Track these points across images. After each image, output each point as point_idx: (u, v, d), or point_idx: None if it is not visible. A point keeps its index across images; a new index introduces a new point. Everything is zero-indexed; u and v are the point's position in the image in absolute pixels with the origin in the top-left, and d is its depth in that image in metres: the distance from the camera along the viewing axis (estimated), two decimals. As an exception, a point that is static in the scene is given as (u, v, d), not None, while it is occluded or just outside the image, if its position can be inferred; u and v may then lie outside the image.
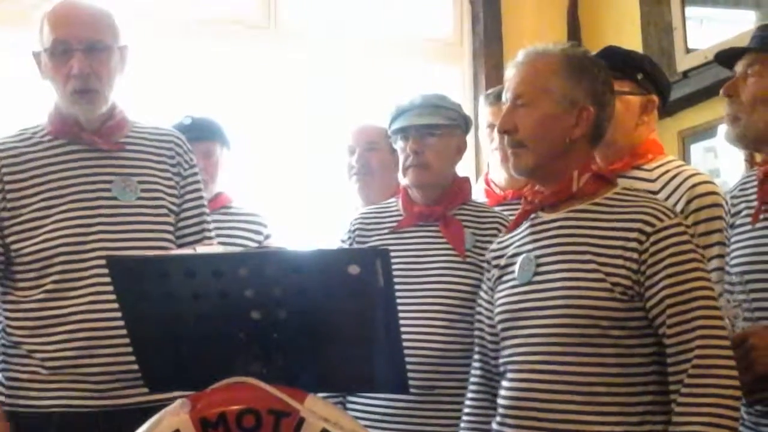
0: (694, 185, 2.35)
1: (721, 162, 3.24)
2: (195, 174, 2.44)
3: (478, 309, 2.21)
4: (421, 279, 2.48)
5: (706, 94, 3.38)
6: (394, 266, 1.85)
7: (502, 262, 2.13)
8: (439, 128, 2.57)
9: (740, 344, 2.00)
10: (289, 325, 1.88)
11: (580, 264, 1.96)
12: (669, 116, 2.82)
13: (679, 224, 1.94)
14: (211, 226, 2.48)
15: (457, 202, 2.60)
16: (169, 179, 2.36)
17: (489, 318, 2.15)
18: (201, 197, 2.45)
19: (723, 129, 3.24)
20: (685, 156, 3.47)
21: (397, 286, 1.89)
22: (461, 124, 2.64)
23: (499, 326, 2.09)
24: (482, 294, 2.20)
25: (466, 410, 2.19)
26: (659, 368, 1.92)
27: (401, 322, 1.91)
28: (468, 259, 2.49)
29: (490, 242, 2.42)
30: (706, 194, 2.34)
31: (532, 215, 2.11)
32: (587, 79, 2.04)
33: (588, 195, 2.03)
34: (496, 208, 2.77)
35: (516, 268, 2.07)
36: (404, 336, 1.92)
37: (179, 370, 1.96)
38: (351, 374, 1.98)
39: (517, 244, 2.11)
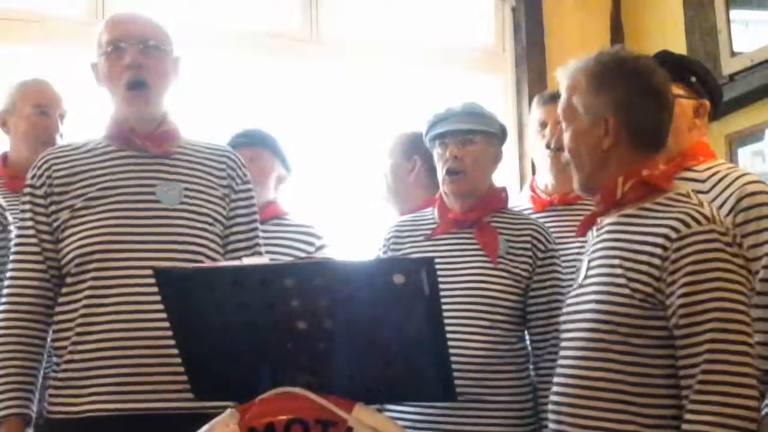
0: (744, 184, 2.33)
1: (769, 166, 3.21)
2: (248, 190, 2.44)
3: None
4: (454, 285, 2.46)
5: (753, 97, 3.34)
6: None
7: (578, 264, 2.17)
8: (478, 134, 2.58)
9: None
10: (336, 334, 1.89)
11: (609, 269, 1.96)
12: (715, 120, 2.78)
13: (709, 231, 1.86)
14: (263, 242, 2.46)
15: (491, 210, 2.60)
16: (215, 189, 2.37)
17: None
18: (253, 213, 2.43)
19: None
20: (732, 160, 3.43)
21: None
22: (498, 134, 2.64)
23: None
24: None
25: None
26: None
27: None
28: (500, 266, 2.49)
29: (524, 249, 2.48)
30: (756, 193, 2.31)
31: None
32: (606, 89, 2.03)
33: (635, 201, 2.01)
34: (540, 215, 2.75)
35: (578, 271, 2.12)
36: None
37: (226, 379, 1.97)
38: (398, 383, 1.98)
39: (587, 247, 2.14)
